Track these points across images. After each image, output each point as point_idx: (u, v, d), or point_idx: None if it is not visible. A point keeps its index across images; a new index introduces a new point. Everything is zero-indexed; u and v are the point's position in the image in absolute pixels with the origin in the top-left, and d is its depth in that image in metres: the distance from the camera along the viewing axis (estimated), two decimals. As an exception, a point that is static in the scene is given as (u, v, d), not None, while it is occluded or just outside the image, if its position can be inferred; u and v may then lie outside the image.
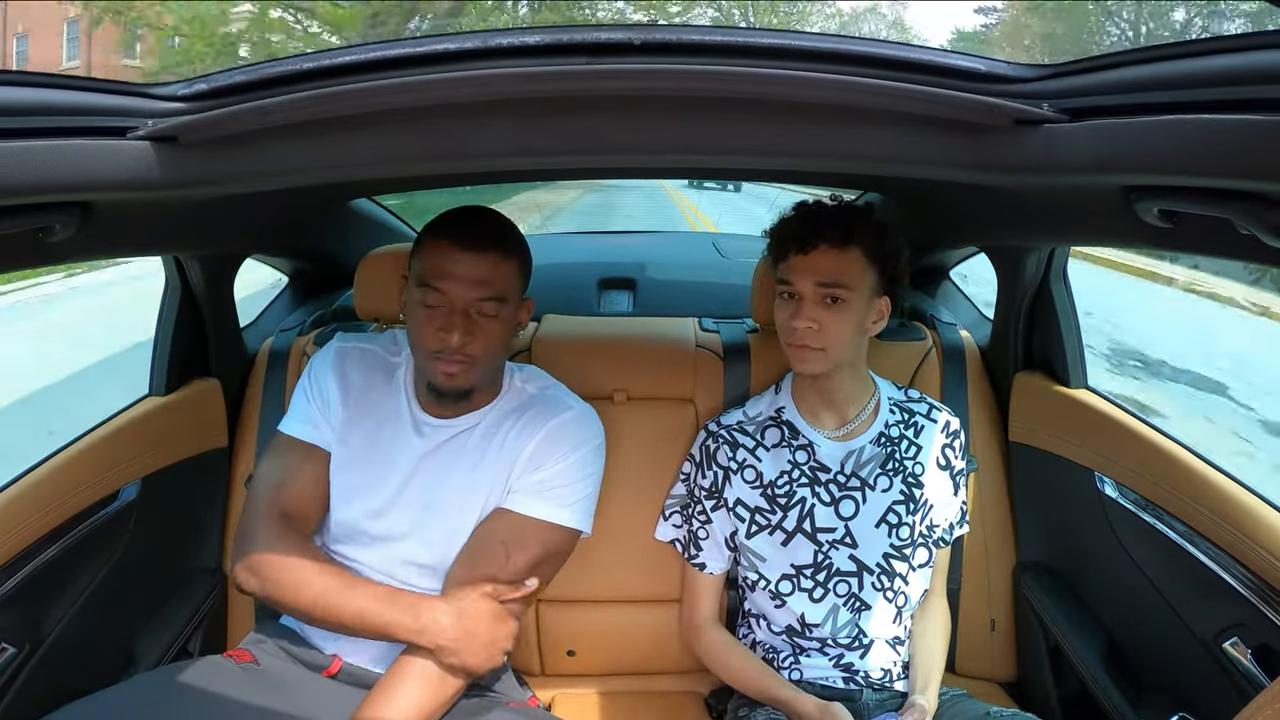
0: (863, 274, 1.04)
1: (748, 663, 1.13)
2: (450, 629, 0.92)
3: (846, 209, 1.07)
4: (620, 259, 1.86)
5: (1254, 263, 0.68)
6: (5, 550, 0.97)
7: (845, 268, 1.03)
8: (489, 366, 1.02)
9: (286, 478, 1.03)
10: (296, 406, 1.08)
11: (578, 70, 0.66)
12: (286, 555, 0.96)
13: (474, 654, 0.92)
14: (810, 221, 1.05)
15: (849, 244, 1.03)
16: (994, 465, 1.35)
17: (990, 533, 1.33)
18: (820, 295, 1.03)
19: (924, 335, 1.40)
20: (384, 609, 0.93)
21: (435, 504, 1.02)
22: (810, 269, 1.03)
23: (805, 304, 1.04)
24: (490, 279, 0.97)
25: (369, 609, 0.93)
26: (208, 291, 1.27)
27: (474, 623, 0.93)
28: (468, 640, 0.92)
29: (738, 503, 1.14)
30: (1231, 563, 0.95)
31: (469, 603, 0.94)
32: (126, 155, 0.71)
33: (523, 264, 1.03)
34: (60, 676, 1.03)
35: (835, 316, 1.03)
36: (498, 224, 1.01)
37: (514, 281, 1.00)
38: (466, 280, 0.96)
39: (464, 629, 0.92)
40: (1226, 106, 0.55)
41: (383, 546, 1.03)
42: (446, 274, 0.96)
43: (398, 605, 0.93)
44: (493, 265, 0.97)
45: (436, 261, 0.97)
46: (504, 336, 1.01)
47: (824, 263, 1.03)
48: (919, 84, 0.67)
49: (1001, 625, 1.32)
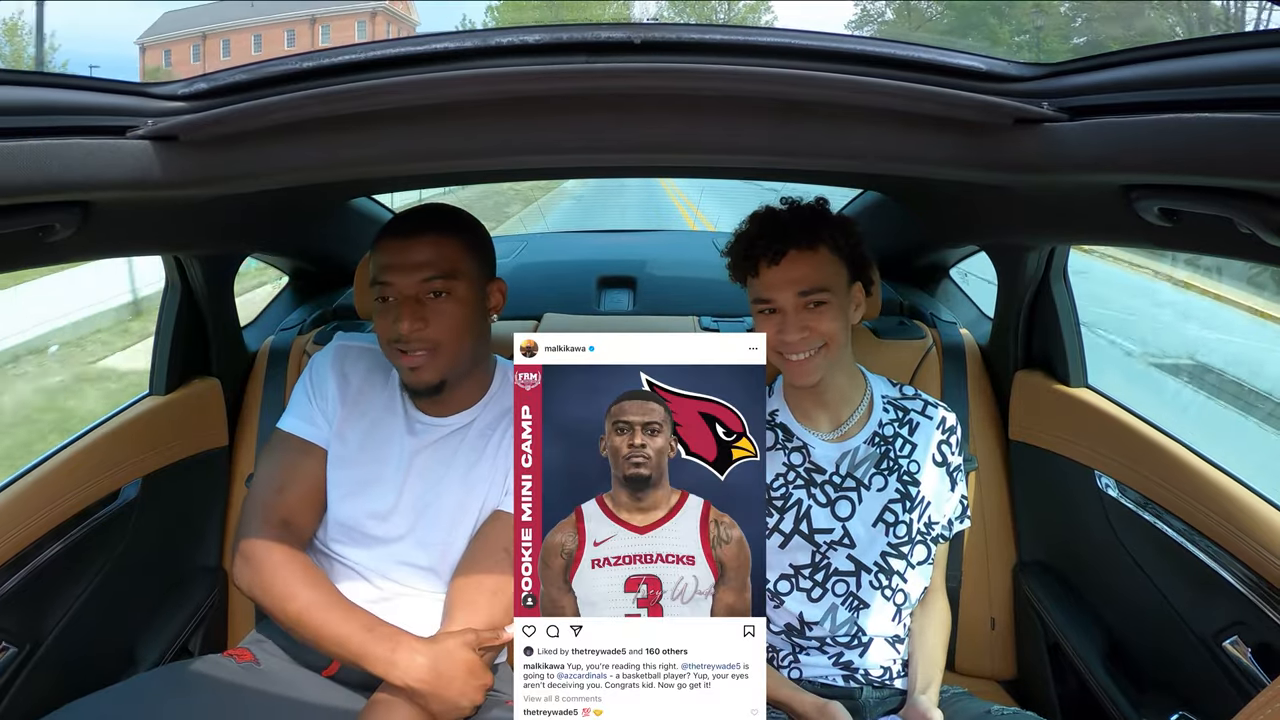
0: (836, 270, 1.03)
1: None
2: (424, 671, 0.90)
3: (806, 209, 1.06)
4: (620, 257, 1.87)
5: (1254, 261, 0.68)
6: (6, 550, 0.97)
7: (819, 269, 1.02)
8: (457, 354, 1.00)
9: (286, 480, 1.04)
10: (296, 404, 1.08)
11: (577, 69, 0.66)
12: (277, 565, 0.96)
13: (442, 701, 0.90)
14: (773, 229, 1.03)
15: (817, 243, 1.02)
16: (994, 464, 1.35)
17: (990, 531, 1.33)
18: (803, 303, 1.02)
19: (924, 334, 1.40)
20: (363, 639, 0.91)
21: (432, 505, 1.02)
22: (786, 280, 1.02)
23: (790, 315, 1.02)
24: (431, 259, 0.97)
25: (351, 636, 0.91)
26: (208, 291, 1.27)
27: (449, 670, 0.90)
28: (441, 687, 0.90)
29: None
30: (1231, 561, 0.95)
31: (447, 650, 0.92)
32: (126, 155, 0.71)
33: (472, 242, 1.02)
34: (60, 676, 1.03)
35: (823, 317, 1.02)
36: (438, 211, 1.02)
37: (460, 259, 0.99)
38: (407, 266, 0.97)
39: (438, 674, 0.90)
40: (1227, 105, 0.55)
41: (380, 547, 1.03)
42: (389, 266, 0.98)
43: (375, 636, 0.92)
44: (430, 245, 0.98)
45: (381, 260, 0.99)
46: (464, 319, 0.99)
47: (798, 270, 1.01)
48: (918, 83, 0.67)
49: (1001, 624, 1.32)
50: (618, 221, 11.34)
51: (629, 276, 1.75)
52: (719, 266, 1.11)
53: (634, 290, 1.73)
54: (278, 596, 0.95)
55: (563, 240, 2.26)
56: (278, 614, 0.96)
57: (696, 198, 10.17)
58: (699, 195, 9.64)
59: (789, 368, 1.05)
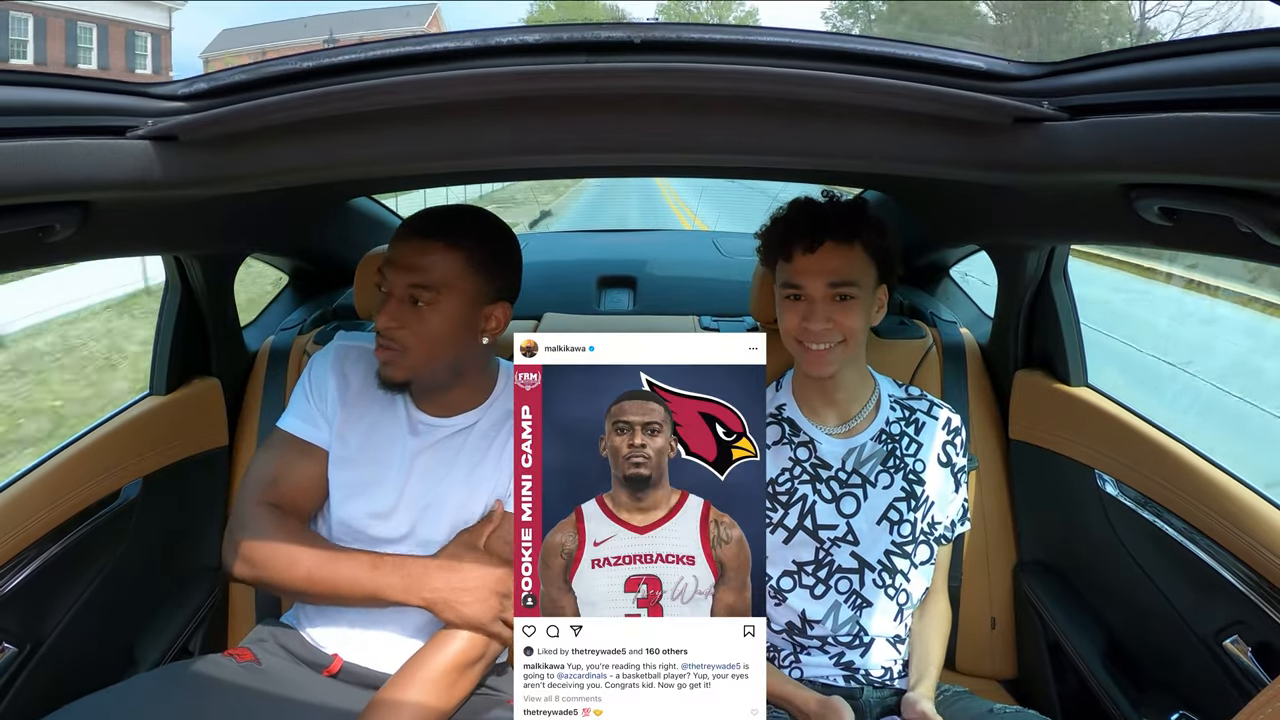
0: (867, 269, 1.05)
1: None
2: (437, 581, 0.93)
3: (847, 205, 1.08)
4: (620, 257, 1.87)
5: (1255, 261, 0.68)
6: (6, 549, 0.97)
7: (852, 264, 1.03)
8: (425, 362, 0.99)
9: (279, 473, 1.04)
10: (296, 404, 1.08)
11: (578, 69, 0.66)
12: (275, 538, 0.97)
13: (458, 614, 0.93)
14: (813, 219, 1.05)
15: (854, 239, 1.03)
16: (994, 463, 1.35)
17: (990, 531, 1.33)
18: (831, 295, 1.03)
19: (924, 333, 1.41)
20: (372, 574, 0.94)
21: (433, 506, 1.02)
22: (819, 269, 1.03)
23: (817, 304, 1.03)
24: (421, 266, 0.97)
25: (360, 576, 0.94)
26: (208, 291, 1.27)
27: (462, 581, 0.94)
28: (455, 598, 0.93)
29: None
30: (1232, 560, 0.95)
31: (452, 556, 0.95)
32: (126, 155, 0.71)
33: (481, 259, 0.99)
34: (61, 676, 1.03)
35: (848, 312, 1.03)
36: (458, 218, 1.01)
37: (457, 274, 0.97)
38: (401, 265, 0.98)
39: (451, 586, 0.93)
40: (1227, 104, 0.55)
41: (382, 548, 1.02)
42: (390, 259, 0.99)
43: (384, 567, 0.95)
44: (430, 252, 0.97)
45: (389, 249, 1.01)
46: (440, 333, 0.98)
47: (832, 261, 1.03)
48: (919, 82, 0.67)
49: (1001, 623, 1.32)
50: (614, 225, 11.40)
51: (629, 276, 1.75)
52: (719, 266, 1.11)
53: (634, 290, 1.73)
54: (281, 566, 0.96)
55: (563, 240, 2.26)
56: (284, 583, 0.96)
57: (695, 204, 10.18)
58: (697, 201, 9.65)
59: (807, 357, 1.06)
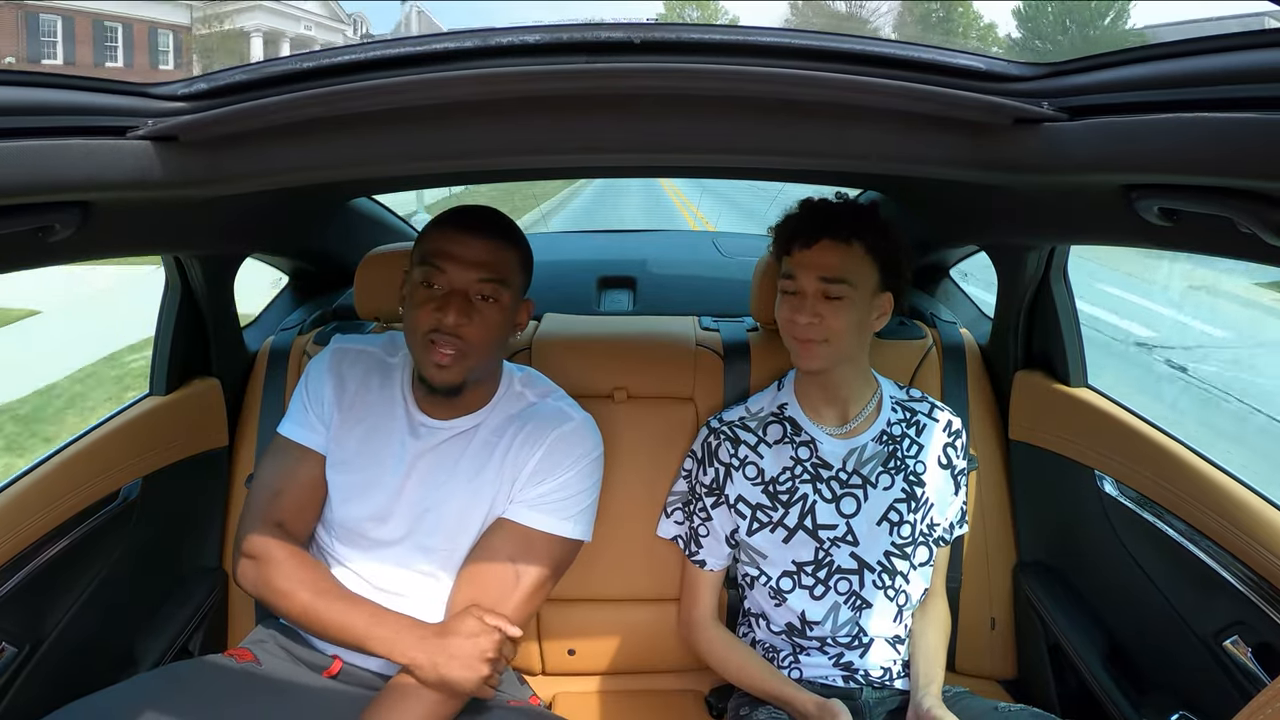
0: (865, 270, 1.05)
1: (748, 659, 1.13)
2: (427, 648, 0.91)
3: (852, 205, 1.09)
4: (621, 257, 1.86)
5: (1255, 261, 0.68)
6: (6, 549, 0.97)
7: (847, 263, 1.04)
8: (483, 362, 1.00)
9: (283, 485, 1.04)
10: (294, 409, 1.08)
11: (578, 69, 0.66)
12: (279, 562, 0.97)
13: (444, 679, 0.90)
14: (815, 217, 1.06)
15: (853, 239, 1.04)
16: (994, 464, 1.35)
17: (990, 531, 1.33)
18: (822, 290, 1.04)
19: (924, 334, 1.40)
20: (367, 624, 0.93)
21: (434, 508, 1.02)
22: (813, 264, 1.04)
23: (807, 299, 1.05)
24: (490, 261, 0.97)
25: (355, 623, 0.93)
26: (208, 291, 1.27)
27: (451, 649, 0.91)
28: (443, 664, 0.90)
29: (739, 499, 1.14)
30: (1232, 561, 0.95)
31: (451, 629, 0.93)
32: (126, 155, 0.71)
33: (524, 258, 1.03)
34: (60, 676, 1.03)
35: (837, 311, 1.04)
36: (501, 216, 1.03)
37: (514, 270, 1.00)
38: (467, 261, 0.96)
39: (440, 651, 0.91)
40: (1227, 105, 0.55)
41: (381, 550, 1.03)
42: (448, 254, 0.97)
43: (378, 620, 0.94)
44: (493, 249, 0.98)
45: (439, 244, 0.98)
46: (500, 328, 1.00)
47: (827, 257, 1.04)
48: (919, 82, 0.67)
49: (1001, 624, 1.32)
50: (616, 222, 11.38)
51: (629, 276, 1.75)
52: (719, 266, 1.11)
53: (634, 290, 1.73)
54: (281, 593, 0.96)
55: (563, 240, 2.25)
56: (283, 609, 0.97)
57: (696, 198, 10.24)
58: (699, 196, 9.71)
59: (798, 348, 1.07)
